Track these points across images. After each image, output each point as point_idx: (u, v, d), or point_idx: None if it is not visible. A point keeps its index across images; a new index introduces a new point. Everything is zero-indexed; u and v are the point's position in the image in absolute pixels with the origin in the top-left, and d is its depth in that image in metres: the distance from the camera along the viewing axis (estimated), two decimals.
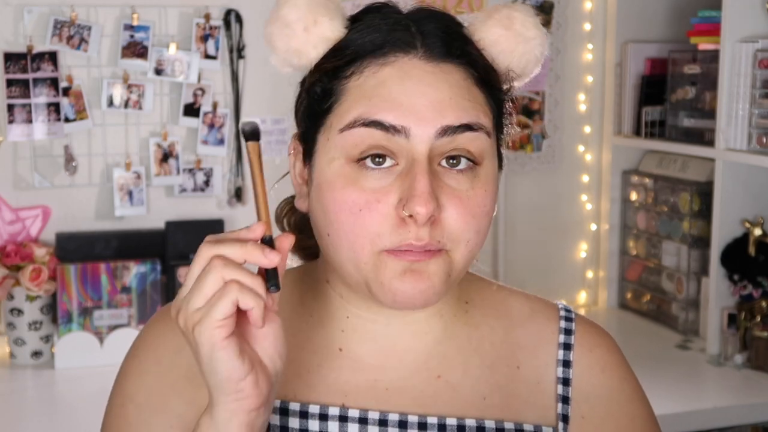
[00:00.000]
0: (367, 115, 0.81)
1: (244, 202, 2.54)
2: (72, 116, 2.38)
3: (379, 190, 0.81)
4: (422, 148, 0.81)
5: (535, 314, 0.97)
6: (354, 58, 0.84)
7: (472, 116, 0.83)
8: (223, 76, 2.50)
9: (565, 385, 0.93)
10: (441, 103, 0.82)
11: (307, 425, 0.88)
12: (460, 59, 0.84)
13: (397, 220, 0.81)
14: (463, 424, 0.89)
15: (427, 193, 0.79)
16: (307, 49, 0.86)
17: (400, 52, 0.83)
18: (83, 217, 2.44)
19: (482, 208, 0.83)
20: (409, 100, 0.81)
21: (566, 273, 2.85)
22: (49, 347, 2.31)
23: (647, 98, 2.65)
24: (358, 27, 0.86)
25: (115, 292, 2.31)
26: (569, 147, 2.83)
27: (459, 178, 0.83)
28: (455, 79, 0.83)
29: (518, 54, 0.88)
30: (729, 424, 2.11)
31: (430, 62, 0.83)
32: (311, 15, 0.85)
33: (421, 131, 0.81)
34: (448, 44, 0.84)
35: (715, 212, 2.36)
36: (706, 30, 2.43)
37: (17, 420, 2.03)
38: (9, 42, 2.34)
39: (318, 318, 0.92)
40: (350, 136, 0.82)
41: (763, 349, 2.27)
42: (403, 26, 0.85)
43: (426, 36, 0.84)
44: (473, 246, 0.84)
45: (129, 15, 2.41)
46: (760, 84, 2.19)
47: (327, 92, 0.85)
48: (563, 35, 2.78)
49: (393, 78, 0.82)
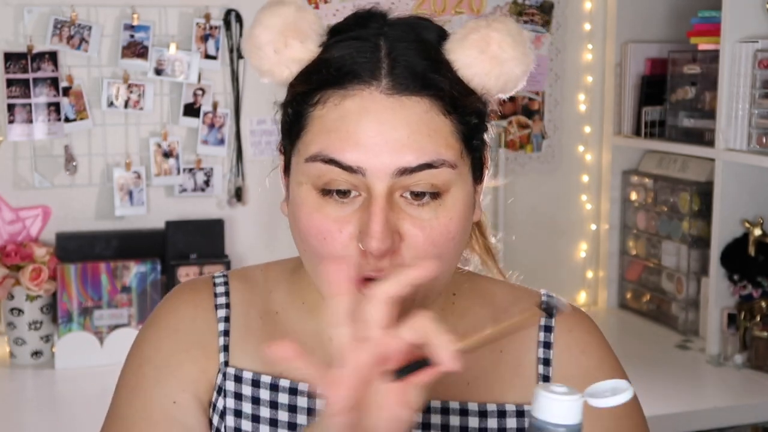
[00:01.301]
0: (326, 152, 0.82)
1: (244, 202, 2.54)
2: (72, 116, 2.38)
3: (341, 220, 0.83)
4: (380, 186, 0.81)
5: (518, 300, 0.99)
6: (319, 85, 0.84)
7: (432, 154, 0.82)
8: (223, 76, 2.50)
9: (545, 365, 0.96)
10: (398, 143, 0.81)
11: (296, 401, 0.92)
12: (426, 90, 0.83)
13: (358, 250, 0.82)
14: (447, 406, 0.92)
15: (380, 231, 0.80)
16: (279, 70, 0.88)
17: (362, 84, 0.82)
18: (83, 217, 2.44)
19: (446, 235, 0.84)
20: (366, 140, 0.81)
21: (566, 273, 2.86)
22: (49, 347, 2.31)
23: (647, 98, 2.65)
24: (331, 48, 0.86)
25: (115, 292, 2.31)
26: (569, 147, 2.83)
27: (421, 210, 0.83)
28: (417, 113, 0.82)
29: (494, 76, 0.87)
30: (729, 424, 2.11)
31: (392, 96, 0.82)
32: (282, 38, 0.86)
33: (377, 171, 0.81)
34: (414, 75, 0.83)
35: (715, 212, 2.36)
36: (706, 30, 2.43)
37: (17, 420, 2.03)
38: (9, 42, 2.34)
39: (308, 307, 0.96)
40: (313, 168, 0.83)
41: (763, 349, 2.27)
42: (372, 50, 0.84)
43: (393, 64, 0.83)
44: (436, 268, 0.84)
45: (129, 15, 2.41)
46: (760, 84, 2.19)
47: (297, 116, 0.87)
48: (563, 35, 2.78)
49: (352, 113, 0.82)
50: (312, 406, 0.92)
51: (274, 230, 2.55)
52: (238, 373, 0.94)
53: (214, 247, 2.44)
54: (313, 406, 0.91)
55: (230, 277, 1.01)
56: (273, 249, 2.55)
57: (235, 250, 2.53)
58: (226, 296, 0.99)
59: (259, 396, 0.93)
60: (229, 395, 0.93)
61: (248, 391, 0.93)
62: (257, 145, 2.54)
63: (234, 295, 0.99)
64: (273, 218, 2.56)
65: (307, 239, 0.85)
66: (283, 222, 0.96)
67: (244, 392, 0.93)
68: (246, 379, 0.94)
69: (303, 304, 0.97)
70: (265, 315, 0.98)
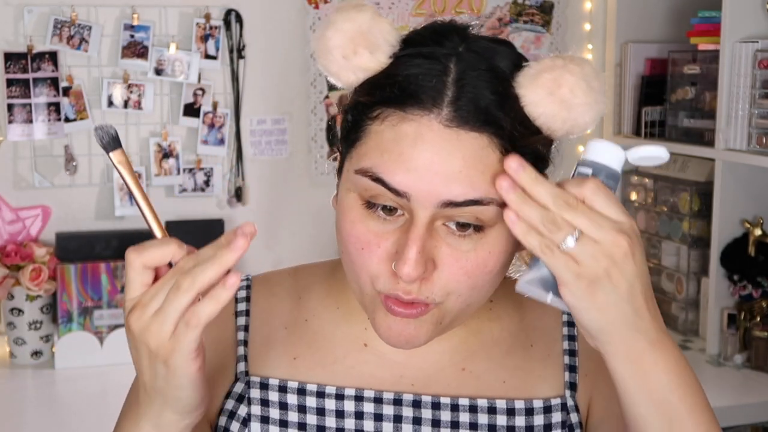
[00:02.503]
0: (376, 171, 0.81)
1: (244, 201, 2.54)
2: (72, 116, 2.38)
3: (381, 235, 0.82)
4: (423, 214, 0.80)
5: None
6: (381, 101, 0.83)
7: (481, 191, 0.80)
8: (223, 76, 2.50)
9: (571, 355, 0.97)
10: (449, 176, 0.79)
11: (324, 404, 0.92)
12: (486, 127, 0.81)
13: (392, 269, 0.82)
14: (475, 404, 0.93)
15: (414, 260, 0.79)
16: (346, 75, 0.86)
17: (422, 110, 0.80)
18: (83, 217, 2.44)
19: (482, 268, 0.83)
20: (417, 167, 0.79)
21: None
22: (49, 347, 2.31)
23: (647, 98, 2.65)
24: (401, 63, 0.83)
25: (115, 291, 2.31)
26: (569, 147, 2.83)
27: (461, 241, 0.82)
28: (473, 148, 0.80)
29: (561, 119, 0.84)
30: (729, 424, 2.11)
31: (450, 127, 0.80)
32: (351, 45, 0.84)
33: (423, 200, 0.80)
34: (478, 109, 0.80)
35: (715, 212, 2.36)
36: (706, 30, 2.43)
37: (17, 420, 2.03)
38: (9, 42, 2.34)
39: (343, 312, 0.96)
40: (361, 180, 0.82)
41: (763, 349, 2.27)
42: (440, 74, 0.81)
43: (460, 93, 0.81)
44: (466, 298, 0.84)
45: (129, 15, 2.41)
46: (760, 84, 2.19)
47: (355, 124, 0.85)
48: (563, 35, 2.78)
49: (408, 138, 0.80)
50: (340, 408, 0.92)
51: (274, 230, 2.55)
52: (263, 381, 0.94)
53: None
54: (342, 408, 0.92)
55: (253, 282, 1.00)
56: (273, 249, 2.56)
57: None
58: (247, 302, 0.98)
59: (287, 401, 0.93)
60: (255, 402, 0.93)
61: (275, 397, 0.93)
62: (257, 145, 2.54)
63: (255, 304, 0.98)
64: (273, 218, 2.56)
65: (347, 246, 0.84)
66: (283, 222, 0.96)
67: (270, 398, 0.93)
68: (273, 385, 0.93)
69: (337, 309, 0.96)
70: (291, 325, 0.97)
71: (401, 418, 0.91)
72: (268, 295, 0.99)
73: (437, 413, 0.92)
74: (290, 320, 0.97)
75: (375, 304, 0.85)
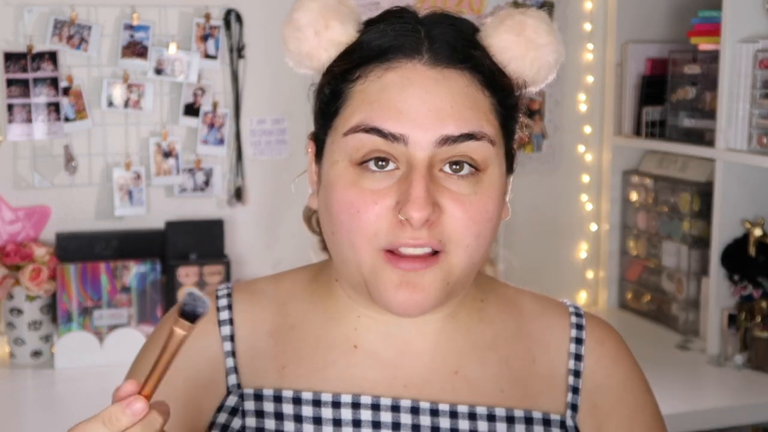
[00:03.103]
0: (368, 122, 0.82)
1: (244, 202, 2.54)
2: (72, 116, 2.38)
3: (377, 192, 0.82)
4: (421, 155, 0.82)
5: (546, 311, 1.00)
6: (360, 62, 0.85)
7: (474, 125, 0.83)
8: (223, 76, 2.49)
9: (576, 376, 0.96)
10: (441, 112, 0.82)
11: (321, 412, 0.90)
12: (465, 63, 0.84)
13: (395, 222, 0.82)
14: (474, 411, 0.91)
15: (423, 198, 0.80)
16: (318, 53, 0.88)
17: (404, 58, 0.84)
18: (83, 217, 2.44)
19: (484, 214, 0.84)
20: (409, 108, 0.82)
21: (566, 273, 2.85)
22: (49, 347, 2.31)
23: (647, 98, 2.65)
24: (369, 31, 0.87)
25: (115, 292, 2.31)
26: (569, 147, 2.83)
27: (461, 183, 0.83)
28: (459, 85, 0.84)
29: (529, 60, 0.88)
30: (729, 425, 2.11)
31: (434, 68, 0.83)
32: (322, 19, 0.86)
33: (420, 139, 0.81)
34: (454, 49, 0.84)
35: (715, 212, 2.36)
36: (706, 30, 2.42)
37: (17, 420, 2.03)
38: (9, 42, 2.34)
39: (331, 315, 0.94)
40: (352, 140, 0.83)
41: (763, 350, 2.27)
42: (412, 31, 0.85)
43: (433, 40, 0.85)
44: (473, 251, 0.84)
45: (129, 15, 2.41)
46: (760, 84, 2.19)
47: (335, 94, 0.87)
48: (563, 35, 2.76)
49: (395, 84, 0.83)
50: (337, 416, 0.89)
51: (274, 230, 2.55)
52: (257, 392, 0.91)
53: (213, 247, 2.44)
54: (339, 417, 0.89)
55: (234, 290, 0.98)
56: (273, 249, 2.55)
57: (234, 250, 2.53)
58: (229, 310, 0.96)
59: (282, 411, 0.90)
60: (250, 414, 0.90)
61: (270, 407, 0.91)
62: (257, 145, 2.54)
63: (238, 312, 0.96)
64: (273, 218, 2.56)
65: (339, 216, 0.84)
66: (283, 222, 0.96)
67: (266, 409, 0.91)
68: (267, 395, 0.91)
69: (324, 313, 0.94)
70: (276, 333, 0.94)
71: (399, 425, 0.89)
72: (250, 302, 0.97)
73: (436, 420, 0.90)
74: (275, 328, 0.95)
75: (377, 268, 0.83)
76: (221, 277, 2.40)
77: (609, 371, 0.97)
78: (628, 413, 0.97)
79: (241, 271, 2.54)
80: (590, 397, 0.95)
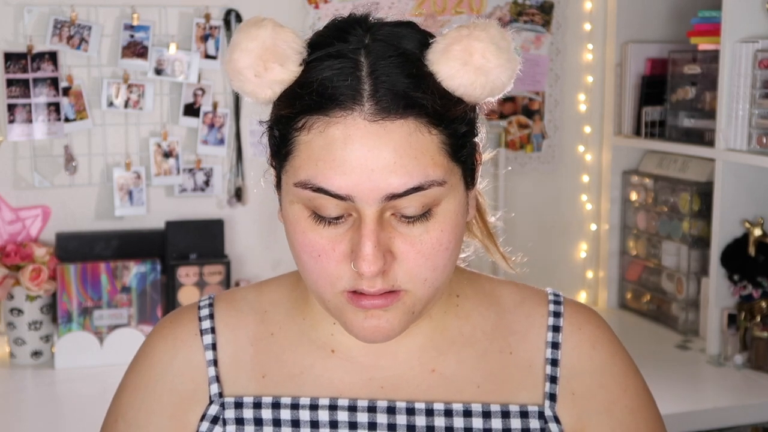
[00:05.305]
0: (314, 181, 0.82)
1: (243, 202, 2.54)
2: (72, 116, 2.38)
3: (334, 239, 0.84)
4: (369, 211, 0.82)
5: (525, 300, 0.99)
6: (302, 110, 0.83)
7: (419, 177, 0.81)
8: (223, 76, 2.49)
9: (553, 365, 0.95)
10: (385, 169, 0.81)
11: (299, 415, 0.92)
12: (409, 110, 0.82)
13: (351, 269, 0.83)
14: (450, 408, 0.92)
15: (372, 254, 0.81)
16: (262, 91, 0.86)
17: (344, 111, 0.81)
18: (83, 217, 2.44)
19: (437, 247, 0.84)
20: (353, 168, 0.81)
21: (566, 273, 2.86)
22: (49, 347, 2.31)
23: (647, 98, 2.65)
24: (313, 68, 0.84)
25: (115, 292, 2.31)
26: (569, 147, 2.83)
27: (412, 227, 0.84)
28: (401, 136, 0.81)
29: (479, 85, 0.84)
30: (729, 425, 2.11)
31: (375, 121, 0.81)
32: (261, 62, 0.85)
33: (366, 197, 0.81)
34: (397, 97, 0.81)
35: (715, 212, 2.36)
36: (706, 30, 2.43)
37: (17, 420, 2.03)
38: (9, 42, 2.34)
39: (309, 321, 0.96)
40: (302, 192, 0.84)
41: (763, 350, 2.27)
42: (354, 70, 0.82)
43: (376, 84, 0.82)
44: (433, 281, 0.85)
45: (129, 15, 2.41)
46: (760, 84, 2.19)
47: (283, 138, 0.86)
48: (563, 35, 2.78)
49: (337, 141, 0.81)
50: (314, 418, 0.92)
51: (274, 230, 2.55)
52: (238, 400, 0.94)
53: (214, 247, 2.44)
54: (316, 418, 0.92)
55: (216, 300, 1.00)
56: (273, 249, 2.56)
57: (234, 250, 2.53)
58: (211, 319, 0.98)
59: (261, 416, 0.93)
60: (230, 422, 0.93)
61: (249, 414, 0.93)
62: (257, 145, 2.54)
63: (219, 321, 0.98)
64: (273, 218, 2.55)
65: (302, 256, 0.86)
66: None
67: (245, 416, 0.93)
68: (247, 403, 0.93)
69: (303, 320, 0.97)
70: (257, 341, 0.97)
71: (376, 425, 0.91)
72: (232, 311, 0.99)
73: (412, 418, 0.91)
74: (256, 336, 0.97)
75: (341, 306, 0.86)
76: (221, 277, 2.40)
77: (588, 355, 0.96)
78: (609, 398, 0.96)
79: (241, 271, 2.54)
80: (568, 384, 0.95)
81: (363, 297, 0.84)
